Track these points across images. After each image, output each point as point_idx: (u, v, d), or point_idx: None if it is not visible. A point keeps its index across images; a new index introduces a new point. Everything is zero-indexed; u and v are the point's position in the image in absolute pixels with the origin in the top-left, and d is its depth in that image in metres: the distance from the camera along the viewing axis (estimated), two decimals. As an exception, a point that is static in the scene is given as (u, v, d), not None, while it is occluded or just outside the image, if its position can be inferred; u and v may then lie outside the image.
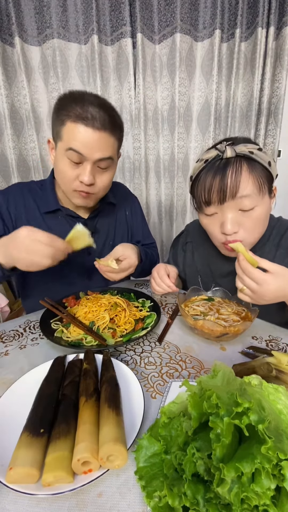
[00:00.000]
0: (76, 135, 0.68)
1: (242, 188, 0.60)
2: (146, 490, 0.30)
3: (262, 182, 0.61)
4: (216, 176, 0.61)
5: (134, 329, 0.66)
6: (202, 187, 0.64)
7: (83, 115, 0.66)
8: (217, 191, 0.61)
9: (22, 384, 0.47)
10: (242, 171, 0.59)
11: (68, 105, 0.68)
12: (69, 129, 0.68)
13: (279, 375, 0.46)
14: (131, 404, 0.43)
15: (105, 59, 1.50)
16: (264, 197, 0.63)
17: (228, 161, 0.61)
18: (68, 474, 0.32)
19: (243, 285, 0.56)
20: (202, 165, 0.65)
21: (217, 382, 0.34)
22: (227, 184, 0.60)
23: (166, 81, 1.58)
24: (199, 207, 0.69)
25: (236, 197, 0.60)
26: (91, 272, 0.92)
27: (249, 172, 0.60)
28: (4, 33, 1.38)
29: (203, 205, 0.66)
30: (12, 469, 0.31)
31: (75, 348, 0.58)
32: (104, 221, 0.94)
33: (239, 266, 0.55)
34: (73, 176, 0.73)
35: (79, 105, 0.67)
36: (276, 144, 1.61)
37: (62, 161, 0.72)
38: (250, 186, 0.60)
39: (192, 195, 0.71)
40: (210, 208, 0.66)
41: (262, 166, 0.61)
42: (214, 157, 0.63)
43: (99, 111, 0.68)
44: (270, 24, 1.41)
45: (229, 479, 0.25)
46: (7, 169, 1.54)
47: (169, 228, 1.89)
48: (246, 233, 0.65)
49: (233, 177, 0.59)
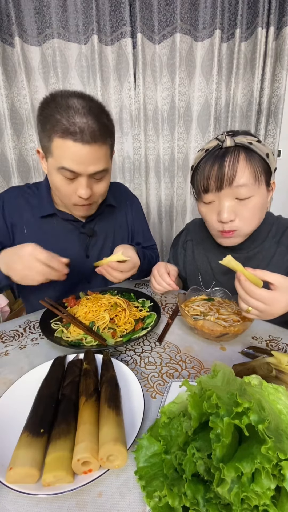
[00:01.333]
0: (66, 153, 0.64)
1: (238, 176, 0.61)
2: (146, 490, 0.30)
3: (259, 172, 0.62)
4: (215, 164, 0.63)
5: (134, 329, 0.66)
6: (202, 175, 0.66)
7: (70, 129, 0.62)
8: (215, 179, 0.63)
9: (22, 384, 0.47)
10: (240, 160, 0.61)
11: (52, 116, 0.62)
12: (58, 145, 0.64)
13: (279, 375, 0.46)
14: (131, 404, 0.43)
15: (105, 59, 1.50)
16: (261, 188, 0.64)
17: (227, 150, 0.63)
18: (68, 474, 0.32)
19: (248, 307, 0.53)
20: (203, 154, 0.67)
21: (217, 382, 0.34)
22: (225, 172, 0.62)
23: (166, 81, 1.58)
24: (198, 194, 0.71)
25: (233, 185, 0.62)
26: (90, 274, 0.92)
27: (246, 161, 0.61)
28: (4, 33, 1.38)
29: (202, 192, 0.68)
30: (12, 469, 0.31)
31: (75, 348, 0.58)
32: (103, 223, 0.93)
33: (242, 288, 0.53)
34: (70, 192, 0.72)
35: (64, 117, 0.62)
36: (276, 144, 1.61)
37: (56, 177, 0.70)
38: (246, 175, 0.61)
39: (192, 184, 0.73)
40: (208, 196, 0.67)
41: (260, 157, 0.62)
42: (214, 146, 0.65)
43: (86, 121, 0.63)
44: (270, 24, 1.41)
45: (229, 479, 0.25)
46: (7, 169, 1.54)
47: (169, 228, 1.89)
48: (241, 222, 0.66)
49: (231, 165, 0.61)
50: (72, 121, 0.62)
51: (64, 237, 0.86)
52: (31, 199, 0.85)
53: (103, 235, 0.93)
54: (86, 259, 0.90)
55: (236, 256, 0.78)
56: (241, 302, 0.55)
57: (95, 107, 0.65)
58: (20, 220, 0.83)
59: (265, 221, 0.73)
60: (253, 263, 0.76)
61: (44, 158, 0.73)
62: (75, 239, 0.88)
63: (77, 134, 0.62)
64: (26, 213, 0.83)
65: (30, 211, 0.84)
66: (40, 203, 0.84)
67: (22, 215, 0.83)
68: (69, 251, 0.85)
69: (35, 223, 0.83)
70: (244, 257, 0.77)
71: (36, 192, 0.86)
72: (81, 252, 0.89)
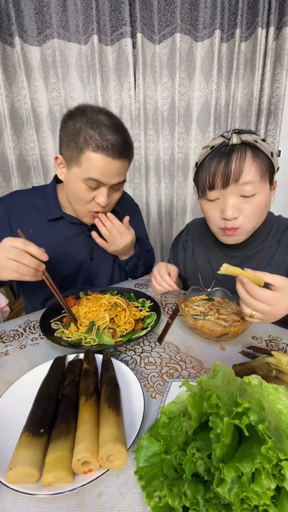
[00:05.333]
0: (96, 165, 0.69)
1: (245, 173, 0.61)
2: (146, 490, 0.30)
3: (264, 170, 0.63)
4: (221, 161, 0.63)
5: (134, 329, 0.66)
6: (207, 171, 0.66)
7: (103, 145, 0.67)
8: (221, 175, 0.63)
9: (22, 384, 0.47)
10: (246, 157, 0.61)
11: (85, 131, 0.67)
12: (89, 158, 0.69)
13: (279, 375, 0.46)
14: (131, 404, 0.43)
15: (105, 59, 1.50)
16: (265, 186, 0.64)
17: (233, 147, 0.63)
18: (68, 474, 0.32)
19: (252, 311, 0.52)
20: (208, 151, 0.67)
21: (217, 382, 0.34)
22: (231, 168, 0.62)
23: (166, 81, 1.58)
24: (202, 192, 0.70)
25: (239, 182, 0.62)
26: (94, 276, 0.92)
27: (253, 159, 0.62)
28: (4, 33, 1.38)
29: (207, 189, 0.68)
30: (12, 469, 0.31)
31: (75, 348, 0.58)
32: None
33: (245, 290, 0.52)
34: (89, 199, 0.76)
35: (97, 132, 0.67)
36: (276, 144, 1.61)
37: (78, 186, 0.73)
38: (252, 172, 0.62)
39: (196, 182, 0.73)
40: (212, 193, 0.67)
41: (265, 155, 0.63)
42: (220, 143, 0.65)
43: (117, 137, 0.69)
44: (270, 24, 1.41)
45: (229, 479, 0.25)
46: (7, 169, 1.54)
47: (169, 228, 1.89)
48: (244, 220, 0.66)
49: (237, 162, 0.61)
50: (105, 138, 0.67)
51: (71, 240, 0.88)
52: (37, 203, 0.86)
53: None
54: (91, 261, 0.92)
55: (236, 255, 0.79)
56: (244, 307, 0.53)
57: (120, 125, 0.73)
58: (25, 225, 0.83)
59: (266, 221, 0.73)
60: (253, 262, 0.76)
61: (62, 165, 0.76)
62: (81, 242, 0.90)
63: (109, 149, 0.68)
64: (32, 217, 0.84)
65: (36, 215, 0.84)
66: (47, 206, 0.85)
67: (28, 219, 0.83)
68: (75, 254, 0.87)
69: (42, 226, 0.84)
70: (244, 256, 0.77)
71: (42, 196, 0.87)
72: (86, 254, 0.91)
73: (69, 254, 0.85)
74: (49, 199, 0.86)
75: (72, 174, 0.73)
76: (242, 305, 0.54)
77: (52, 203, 0.85)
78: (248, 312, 0.53)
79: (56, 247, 0.79)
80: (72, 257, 0.86)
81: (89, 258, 0.92)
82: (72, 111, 0.72)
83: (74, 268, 0.88)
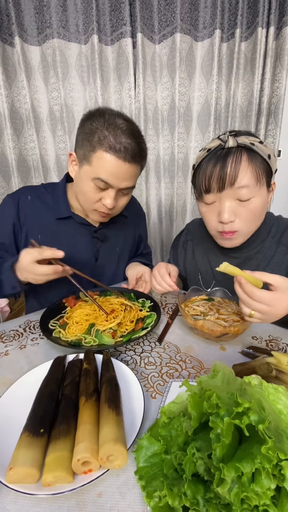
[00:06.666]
0: (107, 166, 0.69)
1: (240, 177, 0.61)
2: (146, 490, 0.30)
3: (260, 173, 0.62)
4: (217, 164, 0.63)
5: (134, 329, 0.66)
6: (203, 175, 0.66)
7: (116, 146, 0.67)
8: (217, 179, 0.63)
9: (22, 384, 0.47)
10: (242, 160, 0.61)
11: (100, 131, 0.68)
12: (100, 157, 0.69)
13: (279, 375, 0.46)
14: (131, 404, 0.43)
15: (105, 59, 1.50)
16: (262, 189, 0.64)
17: (229, 150, 0.62)
18: (68, 474, 0.32)
19: (251, 310, 0.52)
20: (205, 154, 0.67)
21: (217, 382, 0.34)
22: (227, 172, 0.61)
23: (166, 81, 1.58)
24: (199, 195, 0.70)
25: (235, 186, 0.62)
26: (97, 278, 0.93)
27: (248, 162, 0.61)
28: (4, 33, 1.38)
29: (203, 193, 0.68)
30: (12, 469, 0.31)
31: (75, 348, 0.58)
32: (114, 229, 0.96)
33: (243, 291, 0.52)
34: (96, 199, 0.76)
35: (112, 134, 0.67)
36: (276, 144, 1.60)
37: (86, 184, 0.74)
38: (248, 176, 0.61)
39: (193, 184, 0.73)
40: (209, 196, 0.67)
41: (262, 158, 0.62)
42: (216, 146, 0.65)
43: (131, 142, 0.69)
44: (270, 24, 1.41)
45: (229, 479, 0.25)
46: (7, 169, 1.54)
47: (169, 228, 1.89)
48: (242, 223, 0.66)
49: (233, 166, 0.61)
50: (118, 140, 0.68)
51: (77, 240, 0.88)
52: (47, 200, 0.86)
53: (113, 242, 0.97)
54: (95, 262, 0.93)
55: (235, 256, 0.79)
56: (243, 307, 0.54)
57: (136, 131, 0.73)
58: (35, 221, 0.84)
59: (265, 221, 0.73)
60: (253, 263, 0.76)
61: (75, 163, 0.77)
62: (87, 243, 0.90)
63: (122, 152, 0.68)
64: (42, 214, 0.85)
65: (45, 212, 0.85)
66: (56, 204, 0.86)
67: (37, 216, 0.84)
68: (80, 254, 0.88)
69: (51, 223, 0.85)
70: (244, 257, 0.77)
71: (51, 193, 0.88)
72: (91, 255, 0.92)
73: (74, 254, 0.85)
74: (58, 197, 0.87)
75: (82, 172, 0.74)
76: (241, 305, 0.54)
77: (61, 201, 0.86)
78: (247, 312, 0.53)
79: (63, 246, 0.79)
80: (77, 257, 0.87)
81: (94, 259, 0.92)
82: (92, 112, 0.72)
83: (79, 268, 0.88)
